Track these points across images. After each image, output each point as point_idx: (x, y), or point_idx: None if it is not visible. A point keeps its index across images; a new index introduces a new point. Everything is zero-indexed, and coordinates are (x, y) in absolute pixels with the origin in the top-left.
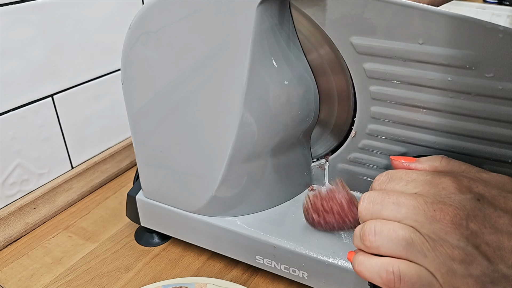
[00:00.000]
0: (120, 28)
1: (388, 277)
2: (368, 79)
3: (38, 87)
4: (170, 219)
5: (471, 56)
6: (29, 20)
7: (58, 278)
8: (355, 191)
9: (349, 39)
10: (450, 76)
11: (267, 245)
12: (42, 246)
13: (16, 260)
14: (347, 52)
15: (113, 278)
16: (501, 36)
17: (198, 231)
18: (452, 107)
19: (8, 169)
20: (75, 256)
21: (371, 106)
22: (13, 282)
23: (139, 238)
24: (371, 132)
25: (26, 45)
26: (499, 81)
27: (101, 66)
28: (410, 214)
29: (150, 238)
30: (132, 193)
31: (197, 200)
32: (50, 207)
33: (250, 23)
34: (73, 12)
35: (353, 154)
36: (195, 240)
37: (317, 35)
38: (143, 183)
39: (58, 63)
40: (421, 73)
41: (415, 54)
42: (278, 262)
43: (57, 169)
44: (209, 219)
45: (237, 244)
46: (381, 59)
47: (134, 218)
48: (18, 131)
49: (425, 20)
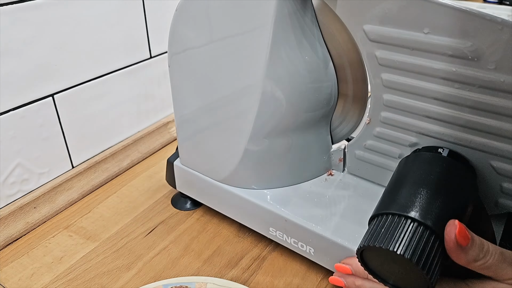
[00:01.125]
0: (121, 28)
1: None
2: (380, 67)
3: (39, 87)
4: (200, 185)
5: (473, 47)
6: (29, 20)
7: (59, 277)
8: (370, 180)
9: (362, 27)
10: (454, 67)
11: (279, 218)
12: (42, 245)
13: (16, 259)
14: (361, 39)
15: (114, 277)
16: (500, 28)
17: (222, 199)
18: (457, 98)
19: (8, 169)
20: (76, 256)
21: (383, 94)
22: (13, 281)
23: (174, 203)
24: (384, 120)
25: (26, 44)
26: (501, 73)
27: (102, 66)
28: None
29: (184, 203)
30: (171, 159)
31: (223, 169)
32: (50, 206)
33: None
34: (73, 11)
35: (369, 141)
36: (219, 207)
37: (336, 23)
38: (180, 151)
39: (59, 63)
40: (427, 62)
41: (421, 43)
42: (288, 236)
43: (58, 169)
44: (232, 188)
45: (254, 214)
46: (391, 47)
47: (171, 183)
48: (19, 130)
49: (429, 11)
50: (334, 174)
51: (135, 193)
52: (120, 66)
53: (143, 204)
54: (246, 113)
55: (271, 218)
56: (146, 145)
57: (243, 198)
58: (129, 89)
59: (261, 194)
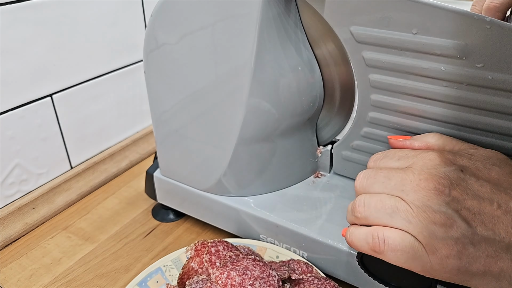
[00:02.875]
0: (119, 28)
1: (374, 242)
2: (367, 68)
3: (37, 87)
4: (183, 196)
5: (462, 46)
6: (28, 19)
7: (57, 278)
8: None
9: (349, 28)
10: (443, 66)
11: (271, 224)
12: (41, 246)
13: (15, 260)
14: (347, 40)
15: (113, 279)
16: (488, 27)
17: (208, 209)
18: (445, 96)
19: (7, 169)
20: (74, 257)
21: (371, 94)
22: (12, 282)
23: (155, 214)
24: (372, 120)
25: (25, 44)
26: (488, 71)
27: (101, 66)
28: (398, 185)
29: (166, 214)
30: (150, 170)
31: (208, 179)
32: (49, 207)
33: (257, 10)
34: (72, 11)
35: (356, 142)
36: (205, 217)
37: (321, 25)
38: (160, 162)
39: (57, 63)
40: (416, 62)
41: (410, 43)
42: (280, 242)
43: (56, 169)
44: (218, 197)
45: (243, 222)
46: (379, 48)
47: (152, 195)
48: (17, 131)
49: (418, 11)
50: (321, 176)
51: (133, 194)
52: (119, 66)
53: (142, 205)
54: (232, 120)
55: (261, 224)
56: (144, 145)
57: (230, 207)
58: (128, 90)
59: (248, 201)
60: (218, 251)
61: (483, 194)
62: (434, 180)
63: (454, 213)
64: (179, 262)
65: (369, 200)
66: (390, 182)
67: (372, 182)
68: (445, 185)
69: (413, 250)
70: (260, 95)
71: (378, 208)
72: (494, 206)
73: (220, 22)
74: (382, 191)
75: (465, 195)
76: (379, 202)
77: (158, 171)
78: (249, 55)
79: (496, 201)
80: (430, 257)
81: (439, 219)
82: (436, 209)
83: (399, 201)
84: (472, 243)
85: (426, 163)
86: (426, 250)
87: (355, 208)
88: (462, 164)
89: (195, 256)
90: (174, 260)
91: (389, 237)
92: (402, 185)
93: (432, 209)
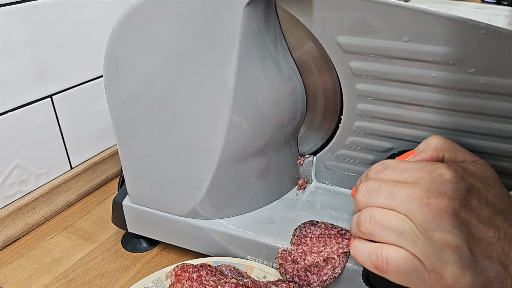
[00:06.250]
0: None
1: (377, 261)
2: (354, 77)
3: (37, 88)
4: (158, 224)
5: (454, 52)
6: (28, 21)
7: (57, 278)
8: (343, 187)
9: (336, 38)
10: (434, 72)
11: (259, 244)
12: (41, 246)
13: (15, 260)
14: (334, 51)
15: (113, 279)
16: (483, 33)
17: (187, 235)
18: (435, 102)
19: (7, 170)
20: (74, 257)
21: (358, 104)
22: (12, 282)
23: (126, 244)
24: (358, 129)
25: (25, 45)
26: (481, 76)
27: (100, 67)
28: (404, 202)
29: (138, 243)
30: (118, 199)
31: (186, 204)
32: (49, 207)
33: (237, 25)
34: (72, 12)
35: (341, 151)
36: (185, 243)
37: (303, 35)
38: (129, 189)
39: (57, 64)
40: (406, 70)
41: (400, 52)
42: (269, 261)
43: (56, 170)
44: (199, 222)
45: (228, 245)
46: (367, 58)
47: (121, 225)
48: (17, 131)
49: (409, 19)
50: (302, 187)
51: None
52: None
53: None
54: (211, 141)
55: (249, 246)
56: None
57: (214, 230)
58: None
59: (232, 223)
60: (200, 276)
61: (483, 218)
62: (445, 200)
63: (462, 239)
64: (160, 283)
65: (375, 215)
66: (395, 197)
67: (375, 196)
68: (455, 207)
69: (416, 273)
70: (242, 113)
71: (384, 226)
72: (490, 233)
73: (194, 41)
74: (387, 206)
75: (471, 219)
76: (384, 219)
77: (127, 199)
78: (228, 73)
79: (493, 226)
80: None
81: (447, 245)
82: (444, 233)
83: (406, 221)
84: (471, 267)
85: (434, 179)
86: (429, 274)
87: (360, 223)
88: (469, 183)
89: (176, 283)
90: (155, 281)
91: (393, 258)
92: (409, 202)
93: (440, 233)
